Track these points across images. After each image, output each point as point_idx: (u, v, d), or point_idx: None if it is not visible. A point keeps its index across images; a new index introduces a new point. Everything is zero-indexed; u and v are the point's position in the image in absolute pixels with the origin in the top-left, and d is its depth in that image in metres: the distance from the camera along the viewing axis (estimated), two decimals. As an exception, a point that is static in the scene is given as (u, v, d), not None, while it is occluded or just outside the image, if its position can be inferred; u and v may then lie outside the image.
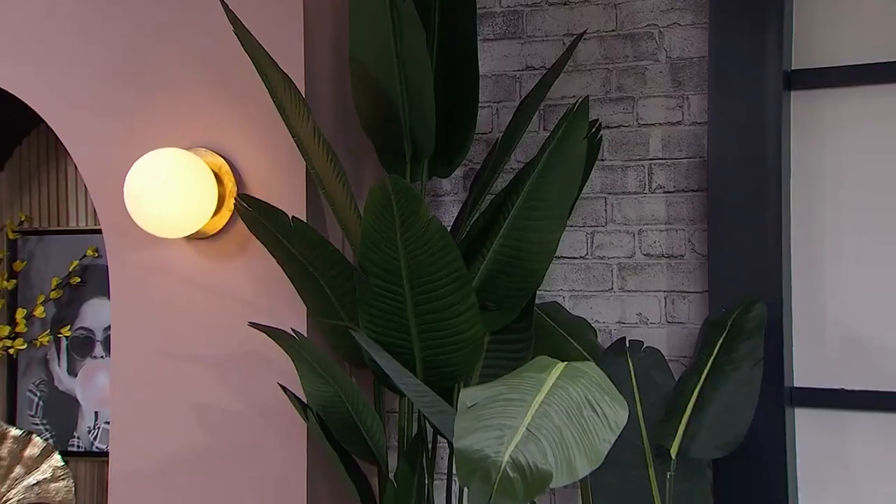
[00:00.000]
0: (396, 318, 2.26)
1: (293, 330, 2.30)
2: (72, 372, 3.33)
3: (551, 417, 1.54)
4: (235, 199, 2.35)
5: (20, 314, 3.29)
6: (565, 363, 1.71)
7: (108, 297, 2.78)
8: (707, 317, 2.48)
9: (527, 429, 1.50)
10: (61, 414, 3.33)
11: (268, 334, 2.28)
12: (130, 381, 2.65)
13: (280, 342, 2.29)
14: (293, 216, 2.28)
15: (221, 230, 2.55)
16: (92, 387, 3.31)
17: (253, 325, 2.31)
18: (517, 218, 2.33)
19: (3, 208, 3.39)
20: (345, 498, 2.61)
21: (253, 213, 2.29)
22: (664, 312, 2.64)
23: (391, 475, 2.41)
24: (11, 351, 3.29)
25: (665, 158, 2.66)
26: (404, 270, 2.18)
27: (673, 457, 2.17)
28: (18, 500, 3.15)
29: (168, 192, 2.39)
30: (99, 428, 3.29)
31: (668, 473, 2.17)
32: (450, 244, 2.15)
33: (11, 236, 3.34)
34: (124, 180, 2.42)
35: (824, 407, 2.47)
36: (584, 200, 2.71)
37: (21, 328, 3.28)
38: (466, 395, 1.59)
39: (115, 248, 2.65)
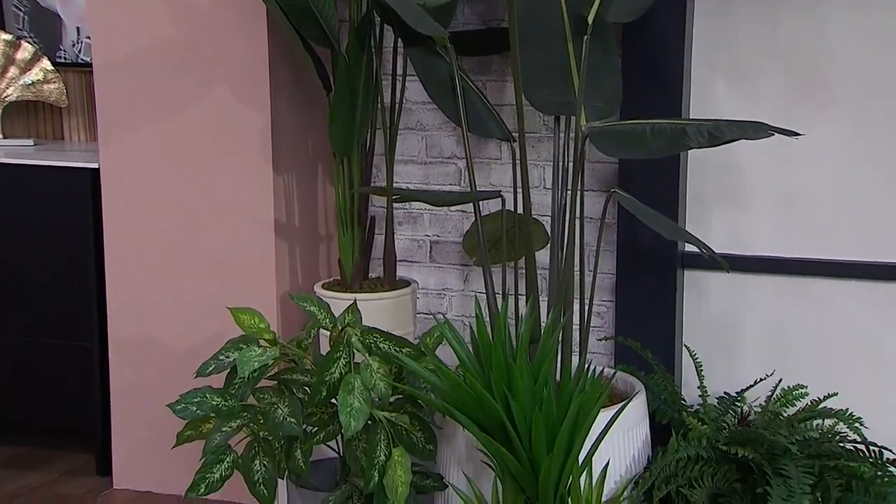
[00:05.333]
0: None
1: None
2: (51, -10, 2.97)
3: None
4: None
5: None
6: None
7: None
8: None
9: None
10: (46, 29, 2.99)
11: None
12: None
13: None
14: None
15: None
16: (72, 5, 2.96)
17: None
18: None
19: None
20: (300, 74, 2.41)
21: None
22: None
23: (343, 51, 2.19)
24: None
25: None
26: None
27: (590, 23, 1.98)
28: (17, 97, 2.88)
29: None
30: (82, 42, 2.97)
31: (585, 38, 1.98)
32: None
33: None
34: None
35: None
36: None
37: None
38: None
39: None
